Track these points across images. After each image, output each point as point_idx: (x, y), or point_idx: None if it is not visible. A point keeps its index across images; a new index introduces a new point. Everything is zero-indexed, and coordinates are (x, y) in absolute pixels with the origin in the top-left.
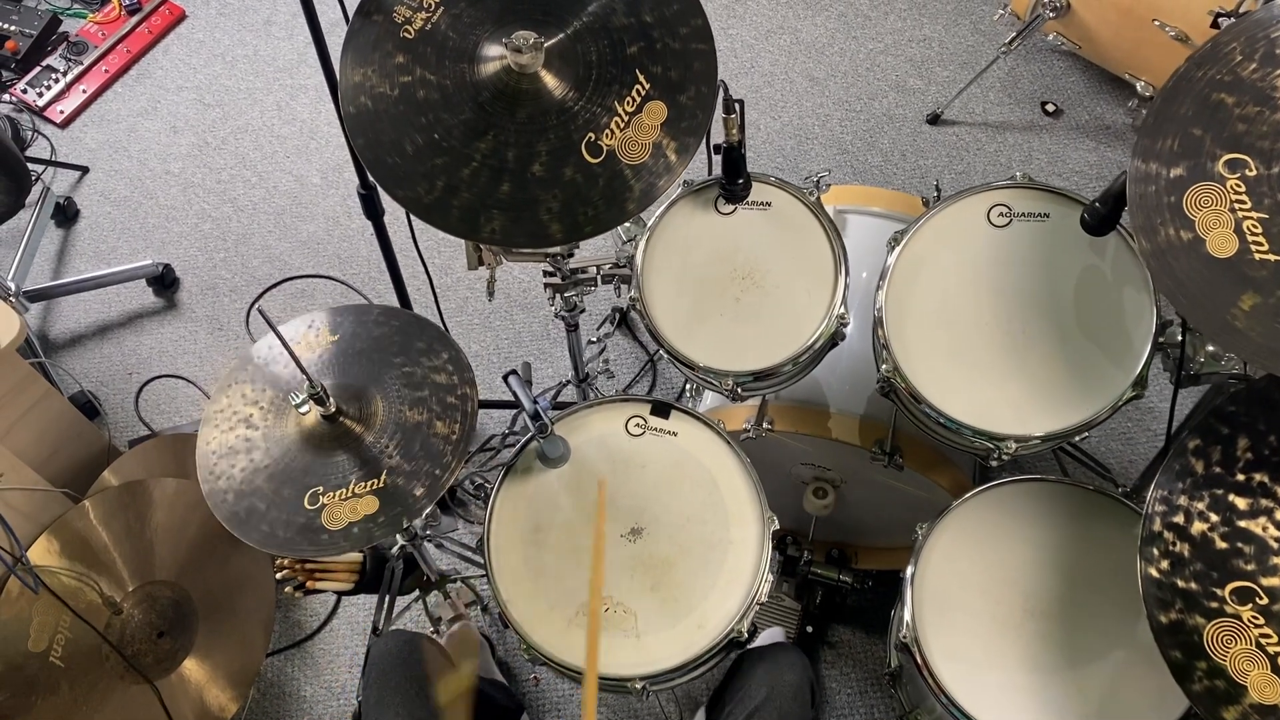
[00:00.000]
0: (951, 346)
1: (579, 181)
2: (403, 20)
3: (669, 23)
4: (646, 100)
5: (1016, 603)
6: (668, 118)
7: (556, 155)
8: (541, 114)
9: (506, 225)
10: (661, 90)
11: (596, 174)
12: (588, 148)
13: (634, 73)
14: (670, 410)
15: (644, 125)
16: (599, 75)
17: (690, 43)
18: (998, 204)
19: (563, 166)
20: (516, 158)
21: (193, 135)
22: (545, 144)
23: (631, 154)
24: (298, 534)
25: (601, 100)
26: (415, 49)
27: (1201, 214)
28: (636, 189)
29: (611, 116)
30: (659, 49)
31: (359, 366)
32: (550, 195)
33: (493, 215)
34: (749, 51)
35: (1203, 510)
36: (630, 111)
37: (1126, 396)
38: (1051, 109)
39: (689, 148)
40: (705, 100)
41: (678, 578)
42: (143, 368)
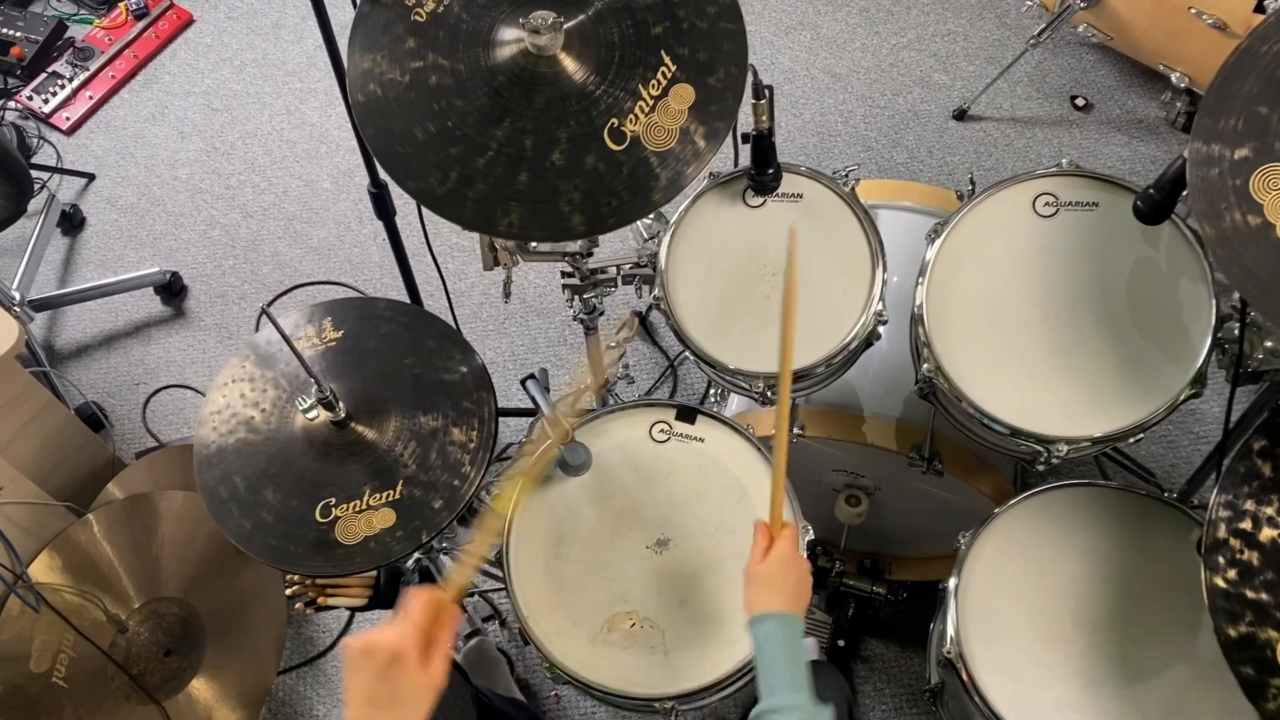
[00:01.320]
0: (996, 344)
1: (601, 170)
2: (414, 3)
3: (696, 1)
4: (673, 83)
5: (1067, 615)
6: (695, 101)
7: (577, 143)
8: (561, 99)
9: (525, 217)
10: (689, 72)
11: (620, 162)
12: (610, 134)
13: (659, 54)
14: (696, 415)
15: (670, 110)
16: (622, 57)
17: (719, 22)
18: (1043, 193)
19: (584, 155)
20: (535, 146)
21: (201, 140)
22: (565, 131)
23: (657, 140)
24: (311, 549)
25: (625, 84)
26: (427, 33)
27: (1271, 197)
28: (663, 177)
29: (635, 101)
30: (685, 29)
31: (367, 366)
32: (571, 185)
33: (510, 207)
34: (769, 48)
35: (1272, 515)
36: (655, 95)
37: (1185, 395)
38: (1081, 103)
39: (719, 133)
40: (735, 83)
41: (707, 591)
42: (150, 378)
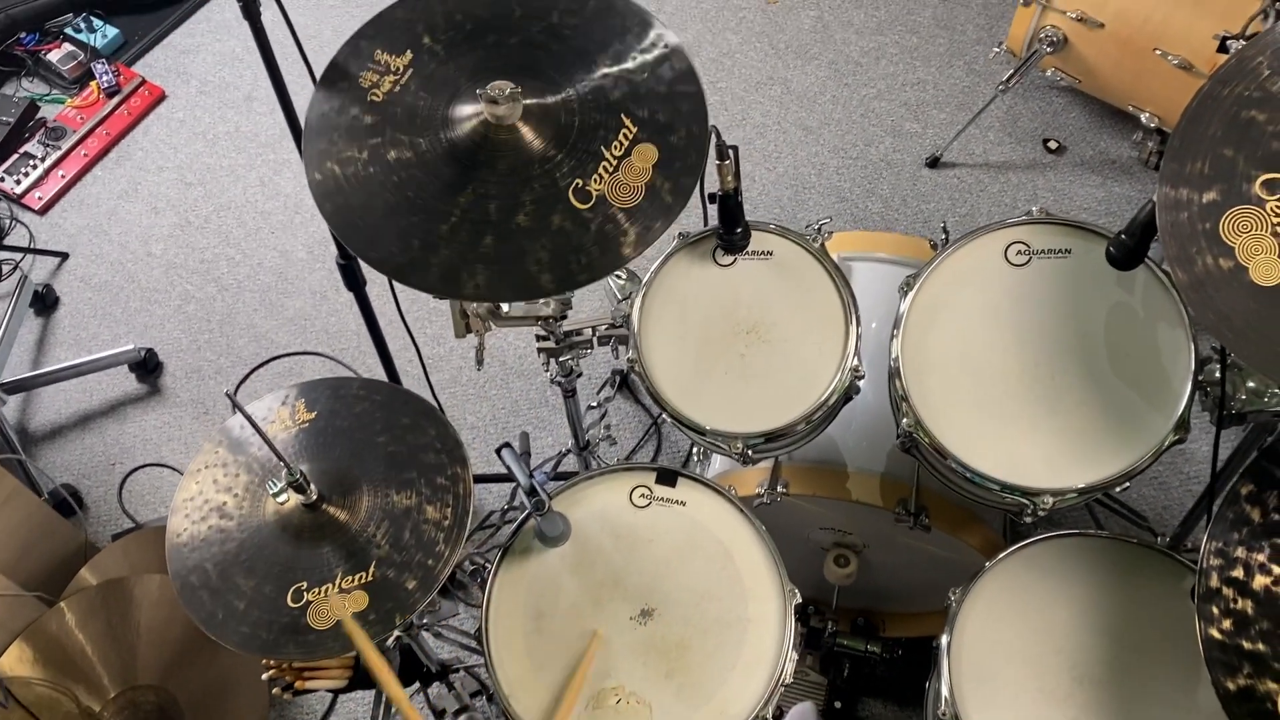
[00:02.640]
0: (976, 396)
1: (569, 229)
2: (370, 85)
3: (652, 66)
4: (635, 143)
5: (1063, 670)
6: (660, 159)
7: (543, 204)
8: (523, 164)
9: (492, 279)
10: (650, 132)
11: (587, 220)
12: (576, 194)
13: (619, 117)
14: (677, 478)
15: (634, 168)
16: (582, 121)
17: (676, 85)
18: (1015, 241)
19: (550, 215)
20: (499, 209)
21: (174, 215)
22: (529, 194)
23: (623, 198)
24: (282, 635)
25: (587, 146)
26: (385, 111)
27: (1241, 239)
28: (631, 232)
29: (599, 161)
30: (644, 93)
31: (340, 447)
32: (538, 245)
33: (476, 270)
34: (740, 104)
35: (1264, 562)
36: (619, 155)
37: (1169, 442)
38: (1054, 146)
39: (685, 188)
40: (697, 140)
41: (694, 661)
42: (126, 457)
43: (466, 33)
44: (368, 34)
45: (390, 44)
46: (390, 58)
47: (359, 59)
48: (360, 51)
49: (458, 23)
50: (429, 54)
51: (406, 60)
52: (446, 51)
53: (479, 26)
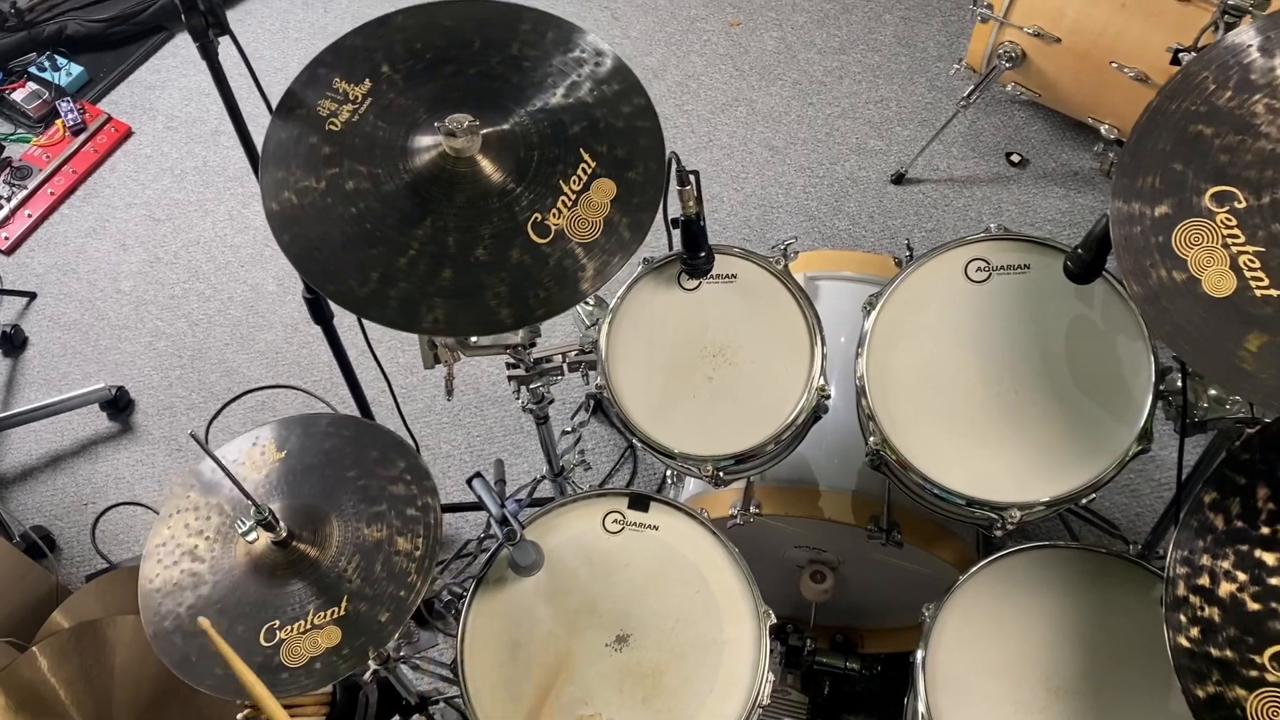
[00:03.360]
0: (941, 412)
1: (527, 263)
2: (327, 114)
3: (611, 102)
4: (594, 178)
5: (1038, 682)
6: (618, 194)
7: (501, 238)
8: (482, 197)
9: (450, 313)
10: (608, 168)
11: (546, 255)
12: (534, 228)
13: (578, 151)
14: (649, 502)
15: (593, 203)
16: (541, 155)
17: (634, 120)
18: (975, 258)
19: (508, 249)
20: (458, 243)
21: (143, 252)
22: (488, 227)
23: (582, 232)
24: (256, 675)
25: (546, 180)
26: (343, 141)
27: (1193, 252)
28: (590, 267)
29: (558, 196)
30: (603, 128)
31: (310, 484)
32: (497, 279)
33: (434, 304)
34: (706, 126)
35: (1229, 570)
36: (577, 190)
37: (1132, 452)
38: (1017, 159)
39: (643, 224)
40: (655, 176)
41: (671, 686)
42: (98, 497)
43: (426, 62)
44: (326, 61)
45: (349, 72)
46: (349, 86)
47: (317, 86)
48: (318, 79)
49: (417, 51)
50: (388, 83)
51: (365, 89)
52: (405, 81)
53: (438, 56)
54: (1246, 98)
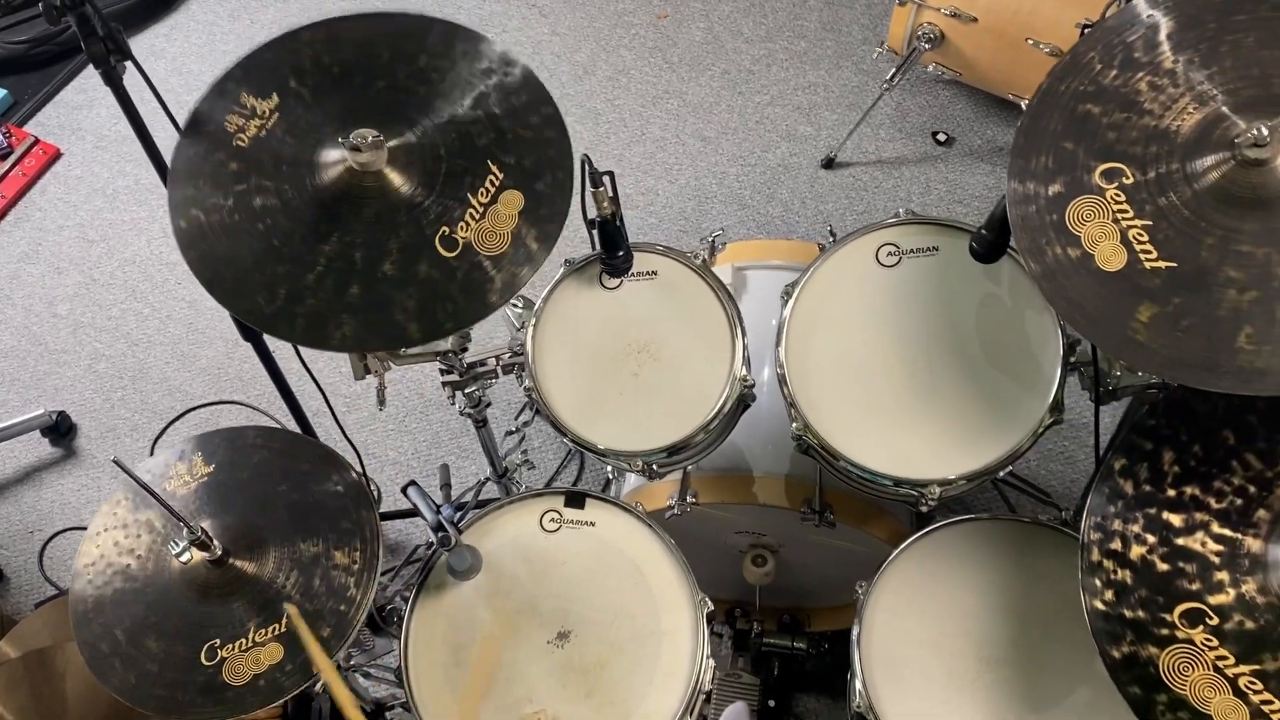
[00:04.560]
0: (859, 396)
1: (435, 277)
2: (235, 129)
3: (518, 113)
4: (501, 190)
5: (970, 653)
6: (525, 206)
7: (409, 252)
8: (390, 211)
9: (358, 330)
10: (516, 179)
11: (454, 268)
12: (442, 242)
13: (485, 164)
14: (585, 499)
15: (501, 215)
16: (449, 168)
17: (542, 131)
18: (885, 243)
19: (416, 264)
20: (365, 258)
21: (79, 274)
22: (396, 241)
23: (490, 245)
24: (199, 695)
25: (454, 193)
26: (250, 157)
27: (1086, 228)
28: (498, 280)
29: (465, 208)
30: (510, 139)
31: (242, 498)
32: (405, 294)
33: (342, 320)
34: (638, 119)
35: (1139, 533)
36: (485, 202)
37: (1045, 424)
38: (943, 138)
39: (550, 235)
40: (563, 186)
41: (613, 679)
42: (44, 524)
43: (334, 76)
44: (235, 76)
45: (257, 87)
46: (256, 101)
47: (225, 101)
48: (227, 93)
49: (324, 65)
50: (295, 98)
51: (273, 104)
52: (313, 95)
53: (346, 70)
54: (1131, 76)
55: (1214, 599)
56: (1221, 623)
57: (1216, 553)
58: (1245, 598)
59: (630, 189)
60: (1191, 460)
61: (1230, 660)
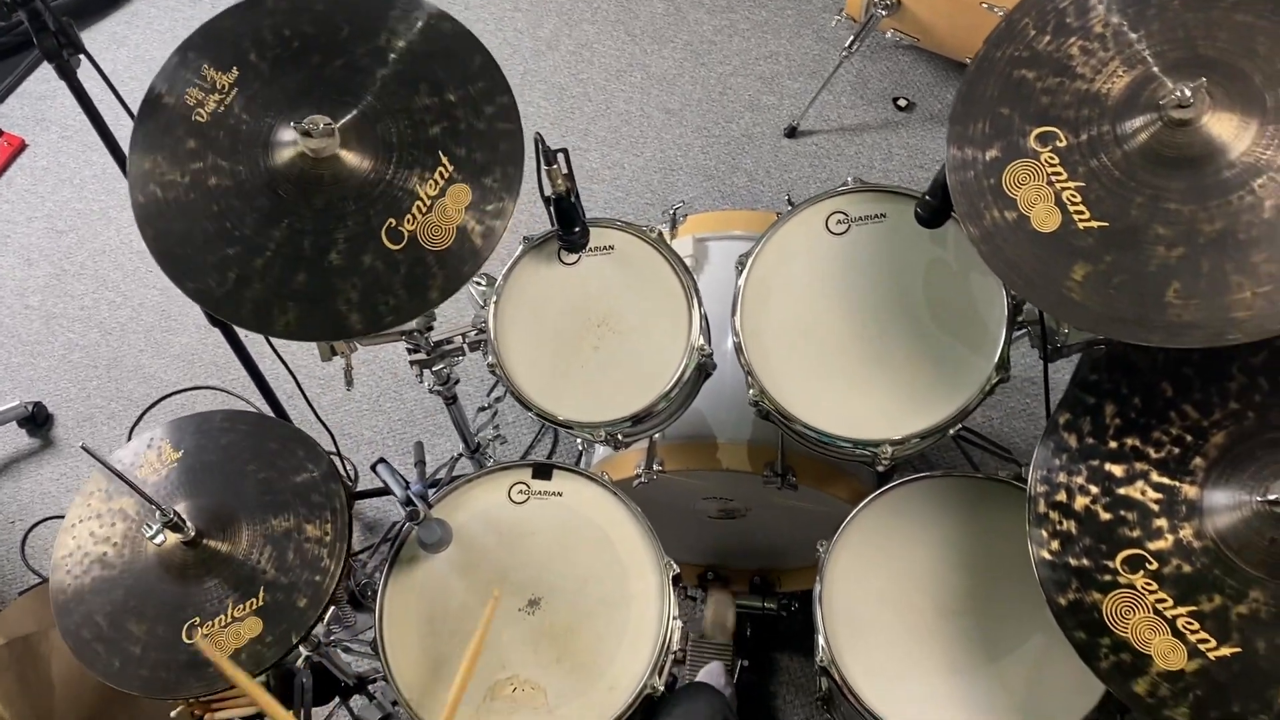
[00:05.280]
0: (813, 361)
1: (379, 269)
2: (194, 103)
3: (474, 101)
4: (450, 184)
5: (928, 606)
6: (472, 201)
7: (355, 242)
8: (339, 200)
9: (302, 317)
10: (466, 173)
11: (398, 261)
12: (388, 234)
13: (437, 155)
14: (552, 471)
15: (447, 210)
16: (400, 158)
17: (495, 122)
18: (835, 212)
19: (362, 254)
20: (313, 246)
21: (49, 265)
22: (343, 231)
23: (435, 239)
24: (182, 673)
25: (403, 184)
26: (207, 133)
27: (1022, 191)
28: (440, 276)
29: (413, 201)
30: (463, 129)
31: (212, 480)
32: (349, 285)
33: (287, 307)
34: (602, 94)
35: (1082, 484)
36: (433, 195)
37: (993, 381)
38: (904, 103)
39: (494, 232)
40: (511, 183)
41: (583, 644)
42: (25, 514)
43: (293, 51)
44: (195, 44)
45: (217, 58)
46: (216, 74)
47: (186, 73)
48: (187, 63)
49: (285, 39)
50: (254, 72)
51: (232, 78)
52: (272, 71)
53: (305, 44)
54: (1063, 41)
55: (1153, 545)
56: (1160, 567)
57: (1156, 500)
58: (1183, 543)
59: (596, 163)
60: (1132, 412)
61: (1169, 602)
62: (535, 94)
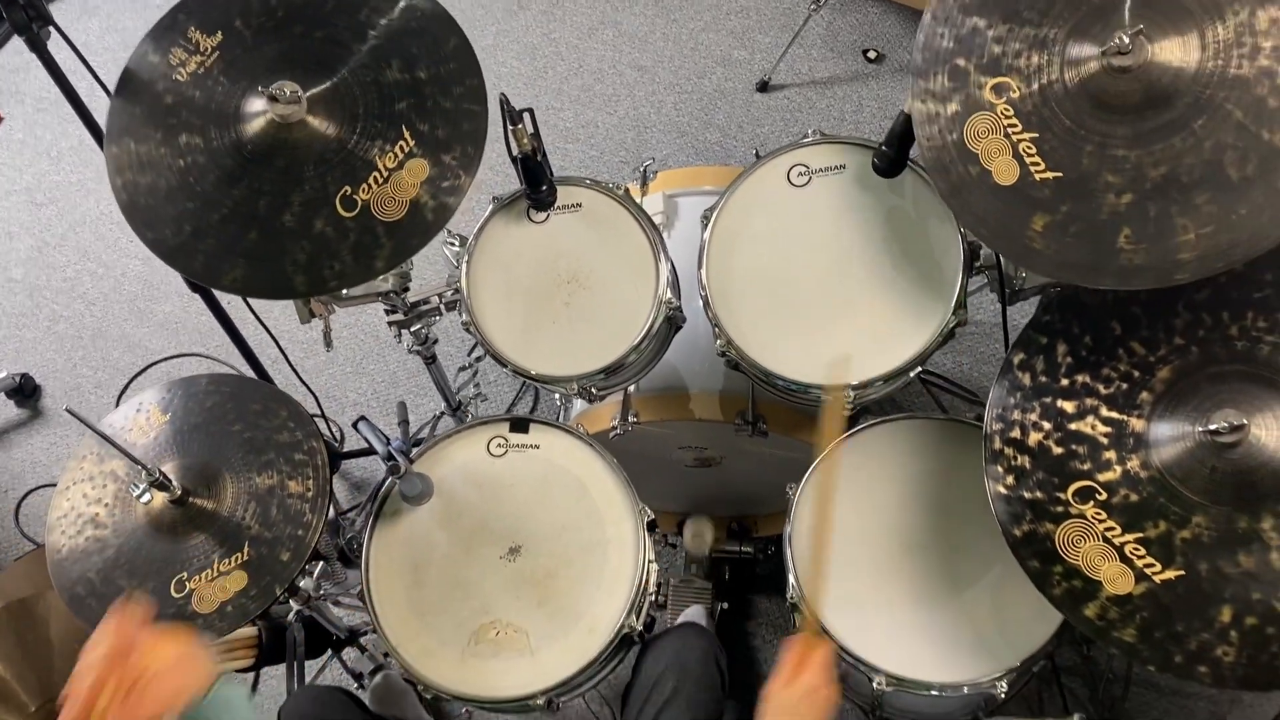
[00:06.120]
0: (778, 311)
1: (329, 235)
2: (177, 63)
3: (443, 80)
4: (409, 158)
5: (894, 542)
6: (429, 176)
7: (310, 206)
8: (299, 164)
9: (249, 274)
10: (426, 148)
11: (348, 229)
12: (343, 201)
13: (400, 128)
14: (529, 424)
15: (403, 183)
16: (364, 129)
17: (463, 103)
18: (796, 164)
19: (315, 218)
20: (268, 206)
21: (29, 238)
22: (299, 194)
23: (387, 211)
24: (172, 624)
25: (363, 154)
26: (184, 93)
27: (982, 144)
28: (388, 246)
29: (370, 171)
30: (429, 106)
31: (198, 442)
32: (298, 247)
33: (237, 263)
34: (574, 52)
35: (1036, 421)
36: (391, 167)
37: (950, 324)
38: (873, 55)
39: (447, 209)
40: (470, 162)
41: (562, 587)
42: (16, 483)
43: (277, 20)
44: (187, 7)
45: (204, 22)
46: (201, 37)
47: (174, 33)
48: (177, 24)
49: (271, 8)
50: (237, 38)
51: (215, 42)
52: (254, 38)
53: (290, 14)
54: None
55: (1102, 476)
56: (1109, 497)
57: (1105, 434)
58: (1130, 473)
59: (570, 122)
60: (1083, 350)
61: (1117, 530)
62: (508, 54)
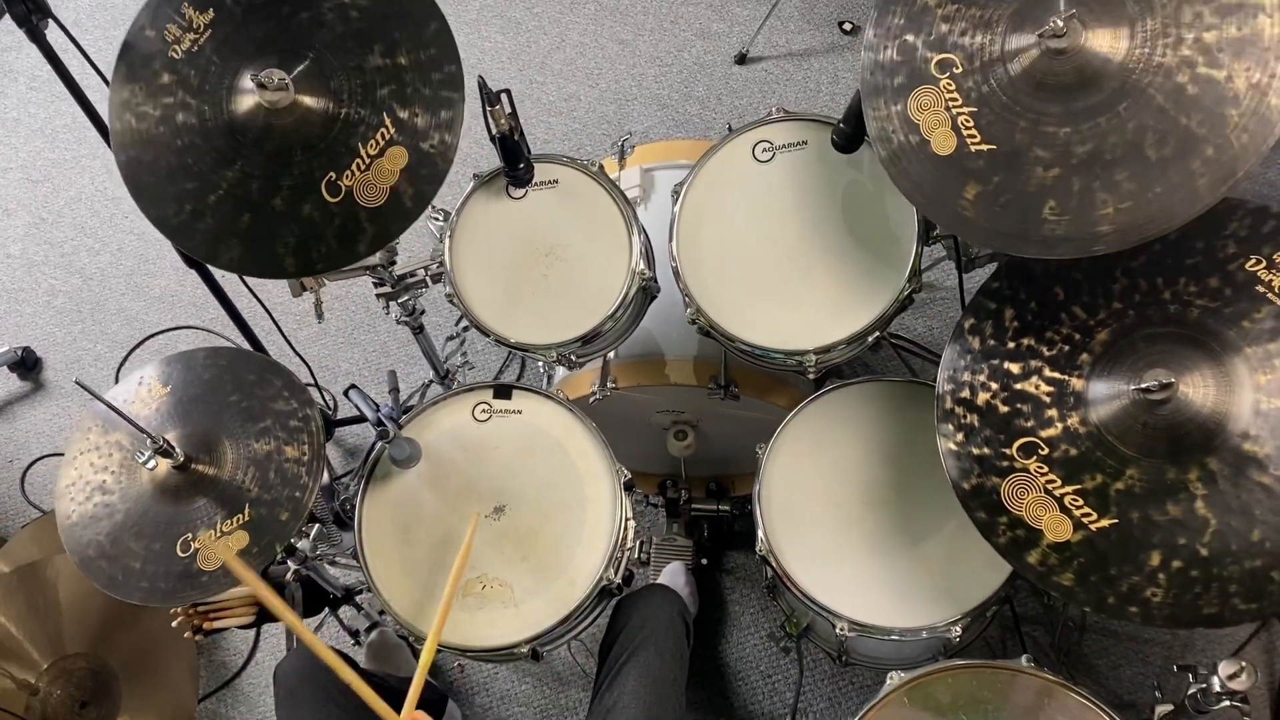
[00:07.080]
0: (744, 281)
1: (316, 219)
2: (172, 39)
3: (423, 67)
4: (390, 145)
5: (855, 498)
6: (408, 164)
7: (298, 191)
8: (287, 149)
9: (244, 255)
10: (406, 136)
11: (333, 213)
12: (328, 187)
13: (382, 115)
14: (511, 391)
15: (384, 170)
16: (347, 115)
17: (441, 90)
18: (760, 140)
19: (302, 203)
20: (260, 190)
21: (26, 215)
22: (288, 179)
23: (369, 197)
24: (179, 582)
25: (346, 140)
26: (180, 71)
27: (924, 116)
28: (370, 231)
29: (354, 158)
30: (409, 94)
31: (198, 411)
32: (288, 230)
33: (233, 244)
34: (557, 26)
35: (984, 381)
36: (372, 155)
37: (906, 292)
38: (849, 27)
39: (425, 196)
40: (447, 150)
41: (544, 544)
42: (22, 454)
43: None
44: None
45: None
46: (194, 13)
47: (168, 7)
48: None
49: None
50: (228, 15)
51: (207, 19)
52: (244, 16)
53: None
54: None
55: (1045, 433)
56: (1051, 452)
57: (1048, 393)
58: (1070, 429)
59: (553, 96)
60: (1029, 315)
61: (1057, 483)
62: (492, 29)
